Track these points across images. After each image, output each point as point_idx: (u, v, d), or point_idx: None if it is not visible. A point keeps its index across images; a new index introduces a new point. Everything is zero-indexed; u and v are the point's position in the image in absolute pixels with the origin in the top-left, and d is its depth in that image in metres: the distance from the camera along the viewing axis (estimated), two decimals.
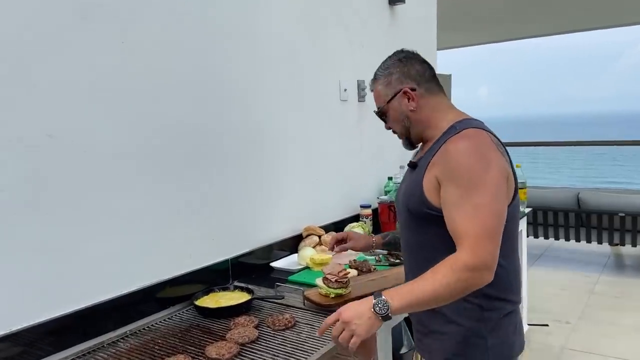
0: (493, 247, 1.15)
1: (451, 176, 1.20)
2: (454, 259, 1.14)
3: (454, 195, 1.19)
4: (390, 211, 2.55)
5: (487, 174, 1.17)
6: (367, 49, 2.78)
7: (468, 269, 1.12)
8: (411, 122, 1.36)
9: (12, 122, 1.29)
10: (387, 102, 1.38)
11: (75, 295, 1.44)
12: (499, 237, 1.17)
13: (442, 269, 1.14)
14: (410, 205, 1.32)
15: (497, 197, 1.18)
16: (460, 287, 1.13)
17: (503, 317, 1.29)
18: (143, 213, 1.62)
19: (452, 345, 1.30)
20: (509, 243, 1.28)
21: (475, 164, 1.18)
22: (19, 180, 1.31)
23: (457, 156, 1.20)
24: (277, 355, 1.33)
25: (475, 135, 1.24)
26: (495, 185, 1.18)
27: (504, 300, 1.30)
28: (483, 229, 1.14)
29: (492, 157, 1.20)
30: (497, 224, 1.17)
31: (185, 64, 1.75)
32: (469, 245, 1.14)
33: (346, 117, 2.67)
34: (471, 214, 1.15)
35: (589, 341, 3.34)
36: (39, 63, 1.34)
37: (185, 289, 1.75)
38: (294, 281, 1.90)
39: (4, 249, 1.28)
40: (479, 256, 1.12)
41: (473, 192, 1.16)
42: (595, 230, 4.71)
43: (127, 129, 1.57)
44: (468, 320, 1.29)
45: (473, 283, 1.14)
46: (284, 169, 2.24)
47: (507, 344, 1.30)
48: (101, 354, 1.42)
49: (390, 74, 1.37)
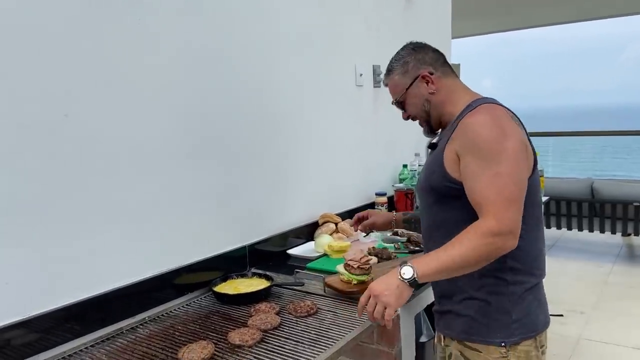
0: (515, 213, 1.16)
1: (470, 148, 1.22)
2: (477, 225, 1.16)
3: (474, 166, 1.20)
4: (407, 198, 2.51)
5: (506, 144, 1.18)
6: (383, 34, 2.72)
7: (492, 234, 1.13)
8: (431, 104, 1.39)
9: (28, 101, 1.25)
10: (405, 90, 1.41)
11: (92, 281, 1.41)
12: (521, 204, 1.18)
13: (466, 235, 1.17)
14: (432, 182, 1.33)
15: (517, 165, 1.19)
16: (485, 251, 1.14)
17: (526, 292, 1.28)
18: (161, 200, 1.59)
19: (476, 322, 1.29)
20: (532, 216, 1.28)
21: (493, 135, 1.20)
22: (37, 161, 1.27)
23: (475, 128, 1.23)
24: (301, 342, 1.30)
25: (491, 109, 1.26)
26: (515, 154, 1.19)
27: (529, 274, 1.29)
28: (504, 196, 1.15)
29: (509, 128, 1.22)
30: (519, 191, 1.18)
31: (200, 49, 1.71)
32: (491, 213, 1.15)
33: (362, 103, 2.62)
34: (492, 182, 1.17)
35: (604, 331, 3.30)
36: (57, 45, 1.30)
37: (202, 276, 1.72)
38: (312, 268, 1.86)
39: (21, 234, 1.25)
40: (502, 222, 1.14)
41: (492, 162, 1.18)
42: (609, 220, 4.66)
43: (146, 116, 1.53)
44: (491, 296, 1.28)
45: (498, 247, 1.14)
46: (299, 156, 2.20)
47: (531, 319, 1.28)
48: (120, 340, 1.39)
49: (406, 63, 1.40)
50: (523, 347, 1.26)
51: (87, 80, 1.38)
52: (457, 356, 1.33)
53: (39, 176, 1.28)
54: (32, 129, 1.26)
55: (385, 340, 1.55)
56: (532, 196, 1.25)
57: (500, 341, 1.26)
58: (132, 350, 1.33)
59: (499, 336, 1.26)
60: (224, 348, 1.29)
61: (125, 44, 1.47)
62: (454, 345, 1.34)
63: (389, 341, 1.54)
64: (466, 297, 1.31)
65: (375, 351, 1.57)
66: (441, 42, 3.37)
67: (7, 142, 1.22)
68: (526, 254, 1.27)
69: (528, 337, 1.27)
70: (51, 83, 1.30)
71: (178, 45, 1.63)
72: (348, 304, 1.54)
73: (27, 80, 1.25)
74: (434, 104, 1.38)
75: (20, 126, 1.24)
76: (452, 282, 1.32)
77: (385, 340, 1.55)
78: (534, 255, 1.30)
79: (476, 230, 1.15)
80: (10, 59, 1.22)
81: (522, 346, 1.26)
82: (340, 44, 2.45)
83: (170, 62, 1.61)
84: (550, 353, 3.05)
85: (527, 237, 1.25)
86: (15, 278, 1.24)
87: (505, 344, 1.26)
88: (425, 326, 1.99)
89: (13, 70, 1.22)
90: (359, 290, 1.57)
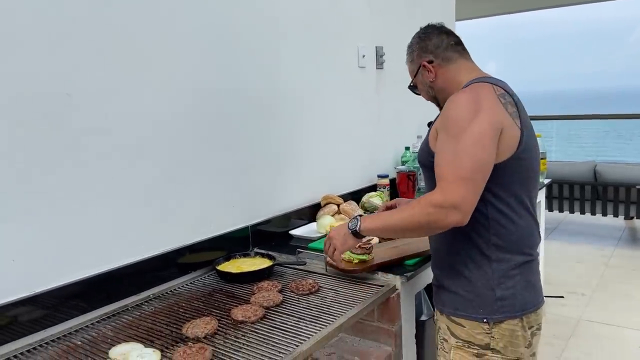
0: (465, 190, 1.17)
1: (442, 125, 1.27)
2: (425, 196, 1.23)
3: (441, 142, 1.26)
4: (409, 180, 2.52)
5: (472, 122, 1.20)
6: (386, 16, 2.70)
7: (434, 205, 1.19)
8: (435, 90, 1.46)
9: (33, 79, 1.26)
10: (414, 77, 1.50)
11: (98, 259, 1.43)
12: (476, 183, 1.19)
13: (413, 202, 1.27)
14: (421, 158, 1.40)
15: (480, 145, 1.20)
16: (425, 220, 1.20)
17: (512, 270, 1.29)
18: (164, 179, 1.61)
19: (461, 297, 1.32)
20: (516, 195, 1.29)
21: (462, 114, 1.23)
22: (39, 139, 1.29)
23: (450, 105, 1.27)
24: (302, 319, 1.32)
25: (477, 88, 1.28)
26: (479, 133, 1.20)
27: (515, 252, 1.29)
28: (457, 172, 1.18)
29: (484, 106, 1.22)
30: (476, 169, 1.19)
31: (206, 30, 1.71)
32: (441, 186, 1.20)
33: (364, 85, 2.62)
34: (450, 158, 1.21)
35: (604, 313, 3.33)
36: (63, 22, 1.30)
37: (206, 255, 1.74)
38: (314, 248, 1.88)
39: (25, 210, 1.27)
40: (447, 195, 1.17)
41: (456, 139, 1.21)
42: (612, 204, 4.66)
43: (147, 96, 1.54)
44: (475, 272, 1.30)
45: (438, 219, 1.18)
46: (302, 137, 2.21)
47: (517, 299, 1.28)
48: (126, 316, 1.42)
49: (413, 51, 1.48)
50: (507, 326, 1.27)
51: (93, 59, 1.38)
52: (444, 330, 1.37)
53: (45, 154, 1.30)
54: (38, 106, 1.27)
55: (386, 318, 1.57)
56: (516, 175, 1.26)
57: (483, 317, 1.28)
58: (137, 325, 1.35)
59: (481, 312, 1.28)
60: (227, 324, 1.31)
61: (138, 20, 1.47)
62: (442, 319, 1.38)
63: (390, 319, 1.56)
64: (454, 273, 1.34)
65: (376, 328, 1.59)
66: (445, 24, 3.35)
67: (12, 117, 1.23)
68: (509, 232, 1.28)
69: (513, 317, 1.27)
70: (55, 60, 1.30)
71: (184, 27, 1.63)
72: (349, 282, 1.57)
73: (31, 58, 1.26)
74: (436, 89, 1.45)
75: (26, 103, 1.25)
76: (443, 258, 1.36)
77: (385, 318, 1.57)
78: (520, 234, 1.30)
79: (421, 199, 1.23)
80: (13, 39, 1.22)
81: (506, 324, 1.27)
82: (343, 26, 2.43)
83: (177, 44, 1.61)
84: (550, 334, 3.10)
85: (511, 215, 1.27)
86: (22, 255, 1.26)
87: (487, 320, 1.27)
88: (425, 305, 2.01)
89: (15, 50, 1.23)
90: (360, 269, 1.59)
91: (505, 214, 1.27)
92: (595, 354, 2.83)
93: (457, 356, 1.32)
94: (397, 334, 1.58)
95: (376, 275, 1.59)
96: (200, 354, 1.12)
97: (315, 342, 1.20)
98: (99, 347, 1.25)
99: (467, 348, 1.31)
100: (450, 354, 1.34)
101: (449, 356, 1.34)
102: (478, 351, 1.29)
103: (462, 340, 1.31)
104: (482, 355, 1.29)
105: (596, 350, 2.87)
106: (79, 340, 1.30)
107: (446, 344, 1.36)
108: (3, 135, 1.22)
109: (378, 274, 1.60)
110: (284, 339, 1.21)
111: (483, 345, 1.28)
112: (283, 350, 1.16)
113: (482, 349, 1.29)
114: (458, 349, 1.32)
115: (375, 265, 1.60)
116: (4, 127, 1.22)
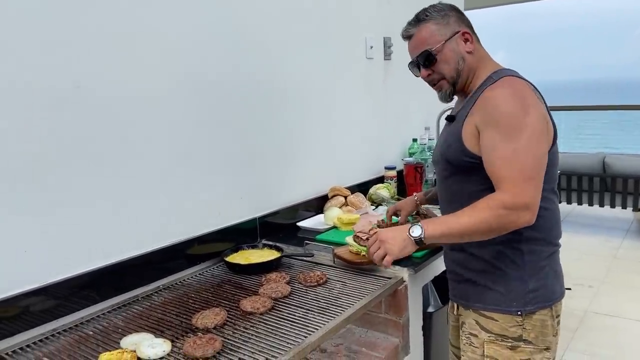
0: (533, 188, 1.16)
1: (491, 122, 1.21)
2: (492, 197, 1.18)
3: (494, 140, 1.20)
4: (416, 172, 2.51)
5: (527, 118, 1.18)
6: (394, 6, 2.68)
7: (506, 207, 1.15)
8: (466, 63, 1.33)
9: (42, 72, 1.27)
10: (444, 42, 1.32)
11: (108, 250, 1.45)
12: (540, 180, 1.18)
13: (479, 204, 1.19)
14: (449, 156, 1.32)
15: (537, 140, 1.19)
16: (496, 223, 1.16)
17: (543, 261, 1.29)
18: (173, 172, 1.61)
19: (492, 291, 1.30)
20: (551, 189, 1.29)
21: (514, 109, 1.19)
22: (50, 133, 1.30)
23: (495, 102, 1.21)
24: (311, 310, 1.33)
25: (512, 82, 1.25)
26: (535, 128, 1.18)
27: (547, 243, 1.30)
28: (522, 171, 1.16)
29: (530, 101, 1.21)
30: (538, 166, 1.18)
31: (213, 20, 1.71)
32: (507, 187, 1.16)
33: (372, 76, 2.60)
34: (511, 156, 1.17)
35: (612, 305, 3.32)
36: (70, 13, 1.31)
37: (214, 247, 1.76)
38: (322, 240, 1.89)
39: (38, 203, 1.28)
40: (518, 196, 1.15)
41: (512, 136, 1.17)
42: (620, 195, 4.63)
43: (159, 88, 1.54)
44: (507, 265, 1.29)
45: (510, 220, 1.16)
46: (309, 129, 2.21)
47: (547, 289, 1.29)
48: (136, 306, 1.44)
49: (447, 16, 1.34)
50: (539, 316, 1.28)
51: (100, 47, 1.39)
52: (472, 325, 1.34)
53: (55, 146, 1.31)
54: (44, 97, 1.28)
55: (393, 310, 1.58)
56: (551, 169, 1.25)
57: (516, 310, 1.27)
58: (147, 316, 1.37)
59: (515, 305, 1.27)
60: (236, 315, 1.32)
61: (142, 9, 1.47)
62: (469, 314, 1.36)
63: (397, 311, 1.57)
64: (482, 267, 1.32)
65: (383, 320, 1.60)
66: None
67: (23, 110, 1.24)
68: (543, 225, 1.27)
69: (544, 307, 1.28)
70: (61, 49, 1.31)
71: (191, 15, 1.62)
72: (356, 274, 1.57)
73: (37, 48, 1.27)
74: (468, 64, 1.33)
75: (34, 94, 1.26)
76: (468, 251, 1.34)
77: (393, 309, 1.58)
78: (551, 225, 1.30)
79: (489, 201, 1.17)
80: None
81: (537, 315, 1.28)
82: (351, 16, 2.42)
83: (187, 31, 1.61)
84: None
85: (546, 207, 1.26)
86: (34, 246, 1.28)
87: (521, 312, 1.27)
88: (432, 297, 2.01)
89: (22, 37, 1.24)
90: (367, 261, 1.59)
91: (541, 207, 1.22)
92: (602, 345, 2.83)
93: (491, 350, 1.30)
94: (405, 326, 1.59)
95: (383, 267, 1.60)
96: (210, 345, 1.13)
97: (324, 334, 1.21)
98: (110, 336, 1.26)
99: (500, 342, 1.29)
100: (482, 348, 1.32)
101: (481, 351, 1.32)
102: (512, 344, 1.28)
103: (495, 334, 1.30)
104: (516, 347, 1.28)
105: (603, 341, 2.87)
106: (90, 330, 1.31)
107: (476, 339, 1.34)
108: (13, 130, 1.23)
109: None
110: (292, 330, 1.22)
111: (516, 337, 1.28)
112: (292, 341, 1.17)
113: (515, 341, 1.28)
114: (492, 343, 1.30)
115: None
116: (16, 122, 1.23)
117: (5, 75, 1.21)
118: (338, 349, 1.54)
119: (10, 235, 1.23)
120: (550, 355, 1.31)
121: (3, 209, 1.22)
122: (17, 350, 1.22)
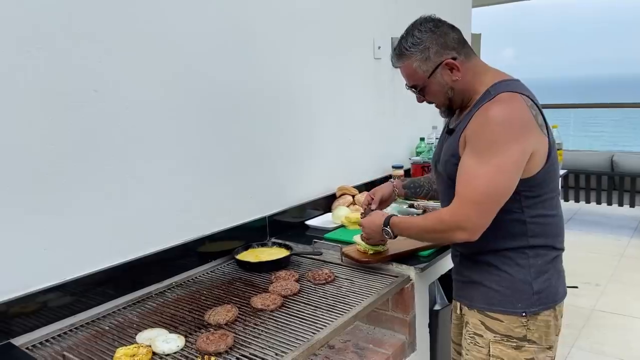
0: (475, 212, 1.21)
1: (473, 137, 1.24)
2: (440, 210, 1.30)
3: (467, 155, 1.24)
4: (424, 171, 2.54)
5: (505, 146, 1.18)
6: (402, 5, 2.70)
7: (443, 222, 1.27)
8: (455, 91, 1.32)
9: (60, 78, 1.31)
10: (428, 78, 1.31)
11: (123, 248, 1.49)
12: (487, 207, 1.21)
13: (433, 213, 1.34)
14: (448, 170, 1.34)
15: (507, 171, 1.20)
16: (438, 234, 1.31)
17: (547, 264, 1.32)
18: (185, 170, 1.66)
19: (497, 292, 1.33)
20: (551, 199, 1.32)
21: (497, 135, 1.19)
22: (68, 134, 1.34)
23: (484, 122, 1.22)
24: (319, 308, 1.37)
25: (508, 101, 1.22)
26: (507, 162, 1.19)
27: (551, 248, 1.33)
28: (474, 193, 1.21)
29: (517, 130, 1.19)
30: (493, 193, 1.20)
31: (220, 21, 1.74)
32: (454, 204, 1.24)
33: (380, 76, 2.63)
34: (471, 176, 1.22)
35: (619, 303, 3.33)
36: (84, 19, 1.35)
37: (224, 245, 1.80)
38: (330, 239, 1.92)
39: (58, 202, 1.33)
40: (455, 216, 1.23)
41: (483, 157, 1.20)
42: (628, 194, 4.62)
43: (171, 90, 1.58)
44: (512, 268, 1.31)
45: (444, 237, 1.30)
46: (317, 129, 2.24)
47: (551, 290, 1.32)
48: (150, 303, 1.48)
49: (427, 49, 1.28)
50: (543, 317, 1.31)
51: (117, 55, 1.43)
52: (477, 325, 1.36)
53: (73, 148, 1.35)
54: (63, 101, 1.32)
55: (400, 308, 1.61)
56: (547, 180, 1.27)
57: (521, 311, 1.30)
58: (161, 312, 1.42)
59: (520, 307, 1.30)
60: (247, 312, 1.36)
61: (156, 15, 1.51)
62: (473, 314, 1.38)
63: (404, 308, 1.61)
64: (488, 269, 1.34)
65: (390, 318, 1.64)
66: (462, 11, 3.33)
67: (44, 113, 1.28)
68: (550, 232, 1.31)
69: (548, 308, 1.31)
70: (79, 56, 1.35)
71: (199, 18, 1.66)
72: (364, 272, 1.61)
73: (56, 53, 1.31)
74: (458, 90, 1.31)
75: (57, 99, 1.30)
76: (474, 253, 1.36)
77: (399, 307, 1.61)
78: (557, 232, 1.34)
79: (438, 212, 1.30)
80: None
81: (542, 316, 1.30)
82: (359, 17, 2.45)
83: (199, 37, 1.65)
84: (563, 323, 3.08)
85: (547, 216, 1.30)
86: (53, 244, 1.33)
87: (526, 313, 1.30)
88: (439, 295, 2.04)
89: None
90: (375, 259, 1.63)
91: (542, 216, 1.28)
92: (608, 343, 2.85)
93: (497, 350, 1.33)
94: (411, 323, 1.62)
95: (390, 266, 1.63)
96: (223, 340, 1.18)
97: (332, 330, 1.25)
98: (125, 332, 1.31)
99: (505, 342, 1.32)
100: (488, 348, 1.34)
101: (487, 351, 1.35)
102: (517, 344, 1.31)
103: (501, 335, 1.32)
104: (521, 347, 1.31)
105: (609, 339, 2.89)
106: (106, 325, 1.36)
107: (481, 339, 1.36)
108: (35, 130, 1.27)
109: (392, 264, 1.63)
110: (301, 327, 1.26)
111: (521, 337, 1.31)
112: (301, 338, 1.20)
113: (520, 341, 1.31)
114: (497, 343, 1.33)
115: (389, 256, 1.64)
116: (38, 123, 1.27)
117: (28, 82, 1.25)
118: (346, 346, 1.58)
119: (30, 233, 1.28)
120: (552, 354, 1.35)
121: (27, 208, 1.27)
122: (37, 345, 1.27)
